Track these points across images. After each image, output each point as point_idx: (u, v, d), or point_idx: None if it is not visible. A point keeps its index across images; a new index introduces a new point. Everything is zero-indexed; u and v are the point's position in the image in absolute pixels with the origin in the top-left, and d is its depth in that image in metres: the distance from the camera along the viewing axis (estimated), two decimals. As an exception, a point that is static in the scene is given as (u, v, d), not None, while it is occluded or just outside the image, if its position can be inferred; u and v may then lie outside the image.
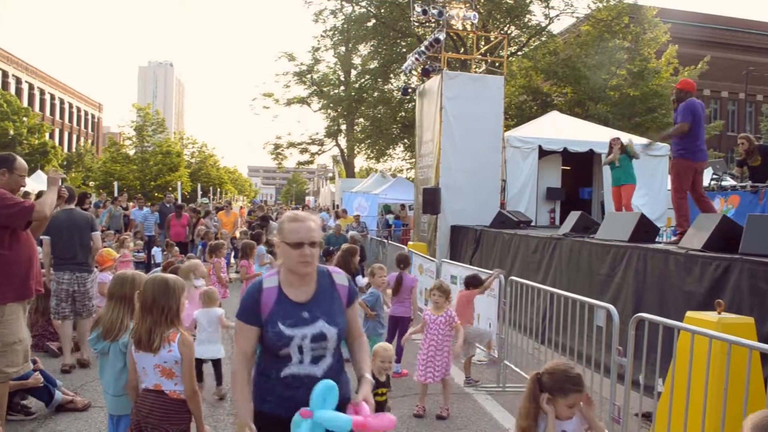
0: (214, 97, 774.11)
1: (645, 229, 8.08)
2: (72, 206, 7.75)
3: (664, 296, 6.62)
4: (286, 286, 2.74)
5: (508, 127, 16.01)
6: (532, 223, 13.98)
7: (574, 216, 10.09)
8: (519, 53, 30.07)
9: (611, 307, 4.90)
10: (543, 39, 29.61)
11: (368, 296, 6.96)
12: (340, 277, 2.89)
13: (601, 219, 12.36)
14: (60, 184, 5.16)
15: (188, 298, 4.25)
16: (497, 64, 19.29)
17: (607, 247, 7.91)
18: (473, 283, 7.28)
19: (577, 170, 16.78)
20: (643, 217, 8.22)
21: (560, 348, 6.45)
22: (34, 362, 5.98)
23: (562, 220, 15.18)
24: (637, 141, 13.04)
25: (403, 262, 7.83)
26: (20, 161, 5.02)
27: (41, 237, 7.62)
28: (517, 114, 28.14)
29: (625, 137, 12.36)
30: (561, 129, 16.14)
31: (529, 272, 9.60)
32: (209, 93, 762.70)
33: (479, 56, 19.14)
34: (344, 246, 8.79)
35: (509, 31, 29.16)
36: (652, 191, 15.01)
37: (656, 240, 8.38)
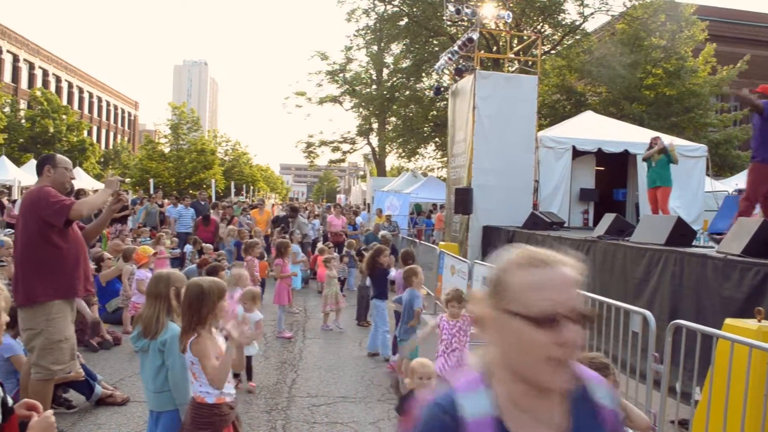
0: (247, 96, 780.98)
1: (682, 233, 7.95)
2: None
3: (701, 302, 6.50)
4: (512, 411, 1.36)
5: (541, 127, 15.88)
6: (565, 225, 13.85)
7: (608, 218, 9.97)
8: (552, 52, 29.79)
9: (648, 312, 4.84)
10: (577, 37, 29.27)
11: (417, 299, 6.92)
12: (601, 390, 1.53)
13: (635, 221, 12.21)
14: (117, 188, 5.19)
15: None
16: (530, 63, 19.17)
17: (643, 250, 7.80)
18: None
19: (612, 171, 16.56)
20: (679, 220, 8.09)
21: (593, 352, 6.38)
22: (77, 356, 6.14)
23: (595, 222, 15.04)
24: (677, 143, 12.84)
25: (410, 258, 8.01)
26: (60, 156, 5.08)
27: None
28: (551, 113, 27.89)
29: (667, 139, 12.15)
30: (595, 129, 15.95)
31: (562, 274, 9.51)
32: (242, 91, 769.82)
33: (512, 55, 19.04)
34: (374, 246, 8.81)
35: (542, 30, 28.90)
36: (688, 193, 14.75)
37: (693, 244, 8.24)
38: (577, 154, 15.16)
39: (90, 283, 5.14)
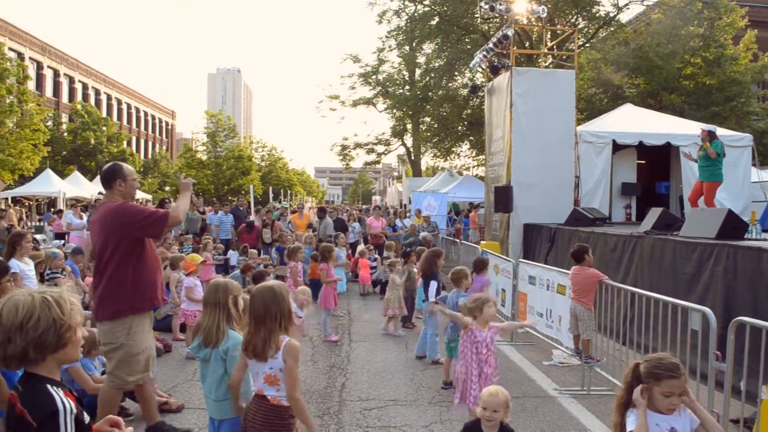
0: (281, 101, 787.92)
1: (733, 225, 7.78)
2: None
3: (757, 296, 6.33)
4: None
5: (578, 122, 15.65)
6: (608, 220, 13.64)
7: (655, 213, 9.78)
8: (587, 45, 29.38)
9: (707, 310, 4.74)
10: (612, 29, 28.82)
11: (463, 297, 6.88)
12: None
13: (679, 214, 11.97)
14: (191, 189, 5.23)
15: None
16: (565, 58, 18.91)
17: (693, 245, 7.64)
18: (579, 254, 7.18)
19: (654, 164, 16.26)
20: (730, 212, 7.91)
21: (644, 350, 6.27)
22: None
23: (638, 216, 14.81)
24: (720, 132, 12.53)
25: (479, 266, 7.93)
26: (127, 167, 5.05)
27: None
28: (587, 107, 27.49)
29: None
30: (635, 122, 15.66)
31: (607, 271, 9.33)
32: (276, 97, 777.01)
33: (547, 50, 18.82)
34: (431, 249, 8.74)
35: (577, 23, 28.52)
36: (734, 183, 14.35)
37: (745, 237, 8.04)
38: (617, 147, 14.92)
39: (164, 292, 5.19)
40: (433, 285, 7.86)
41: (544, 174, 13.86)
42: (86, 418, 2.11)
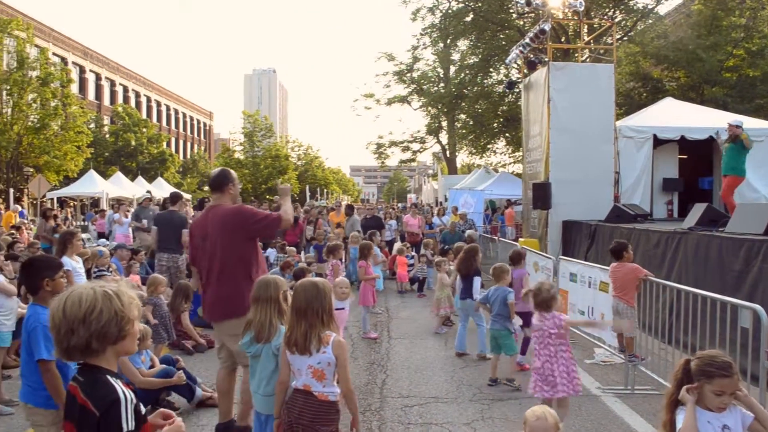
0: (316, 100, 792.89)
1: (781, 221, 7.57)
2: (174, 208, 10.78)
3: (808, 293, 6.17)
4: None
5: (617, 116, 15.41)
6: (649, 217, 13.42)
7: (699, 208, 9.59)
8: (625, 38, 28.89)
9: (758, 307, 4.63)
10: (650, 22, 28.28)
11: (511, 294, 6.87)
12: None
13: (723, 209, 11.69)
14: (290, 192, 5.49)
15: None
16: (602, 52, 18.65)
17: (740, 241, 7.47)
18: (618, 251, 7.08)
19: (696, 159, 15.90)
20: (778, 207, 7.71)
21: (689, 348, 6.15)
22: (177, 361, 6.39)
23: (680, 213, 14.52)
24: (759, 125, 12.19)
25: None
26: (232, 171, 5.43)
27: (151, 227, 11.45)
28: (626, 102, 27.01)
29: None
30: (677, 116, 15.35)
31: (650, 268, 9.13)
32: (311, 96, 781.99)
33: (584, 45, 18.57)
34: (467, 246, 8.71)
35: (614, 16, 28.07)
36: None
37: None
38: (658, 142, 14.65)
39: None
40: (477, 281, 7.85)
41: (582, 170, 13.68)
42: (143, 409, 2.16)
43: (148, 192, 22.84)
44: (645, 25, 28.55)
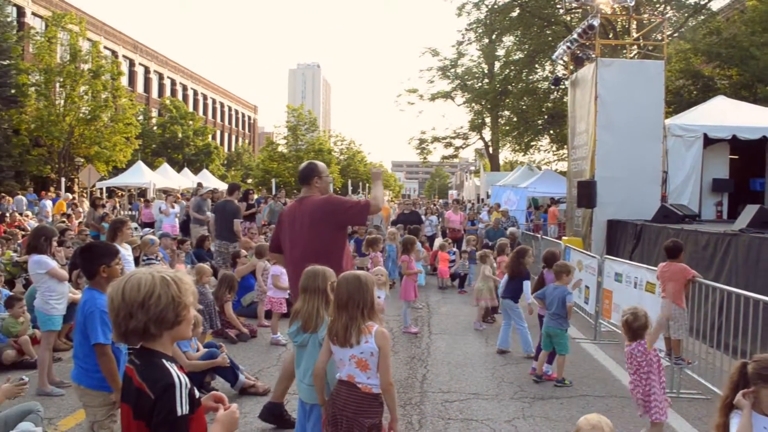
0: (359, 95, 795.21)
1: (838, 224, 7.33)
2: (229, 198, 11.33)
3: None
4: None
5: (665, 115, 15.06)
6: (698, 218, 13.11)
7: (750, 210, 9.33)
8: (675, 35, 28.21)
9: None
10: (702, 18, 27.55)
11: (570, 296, 6.78)
12: None
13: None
14: (381, 177, 5.56)
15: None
16: (651, 48, 18.26)
17: (794, 243, 7.25)
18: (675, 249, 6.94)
19: (748, 159, 15.43)
20: (835, 210, 7.46)
21: (738, 353, 6.02)
22: (219, 347, 6.52)
23: (730, 214, 14.16)
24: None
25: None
26: (321, 165, 5.46)
27: (208, 213, 13.14)
28: (675, 100, 26.39)
29: None
30: (729, 115, 14.92)
31: (699, 270, 8.94)
32: (354, 91, 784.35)
33: (634, 41, 18.22)
34: (518, 247, 8.63)
35: (665, 12, 27.43)
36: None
37: None
38: (708, 142, 14.26)
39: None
40: (527, 285, 7.79)
41: (629, 168, 13.44)
42: (197, 393, 2.19)
43: (199, 183, 23.32)
44: (697, 22, 27.83)
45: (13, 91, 32.72)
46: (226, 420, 2.27)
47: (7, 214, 17.16)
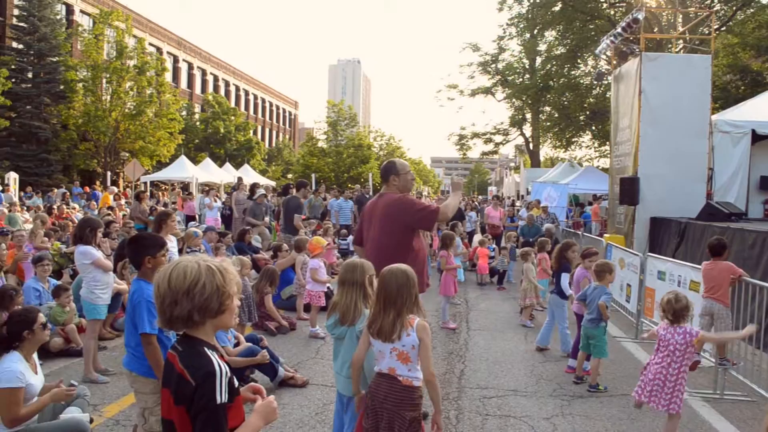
0: (399, 91, 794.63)
1: None
2: (297, 194, 12.53)
3: None
4: None
5: (712, 110, 14.70)
6: (744, 216, 12.78)
7: (800, 208, 9.07)
8: (723, 29, 27.48)
9: None
10: (751, 11, 26.77)
11: (606, 296, 6.55)
12: None
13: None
14: (462, 188, 5.54)
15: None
16: (698, 42, 17.83)
17: None
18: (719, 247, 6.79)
19: (799, 156, 15.00)
20: None
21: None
22: (260, 340, 6.62)
23: (780, 212, 13.76)
24: None
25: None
26: (400, 162, 5.45)
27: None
28: (722, 95, 25.74)
29: None
30: (779, 110, 14.51)
31: (745, 269, 8.72)
32: (394, 87, 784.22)
33: (679, 35, 17.81)
34: (564, 241, 8.54)
35: (712, 5, 26.74)
36: None
37: None
38: (757, 138, 13.88)
39: (427, 280, 5.49)
40: (564, 278, 7.67)
41: (674, 165, 13.17)
42: (236, 382, 2.22)
43: (239, 178, 23.59)
44: (745, 15, 27.06)
45: (61, 87, 33.70)
46: (264, 411, 2.30)
47: (55, 206, 17.65)
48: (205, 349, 2.18)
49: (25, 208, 19.55)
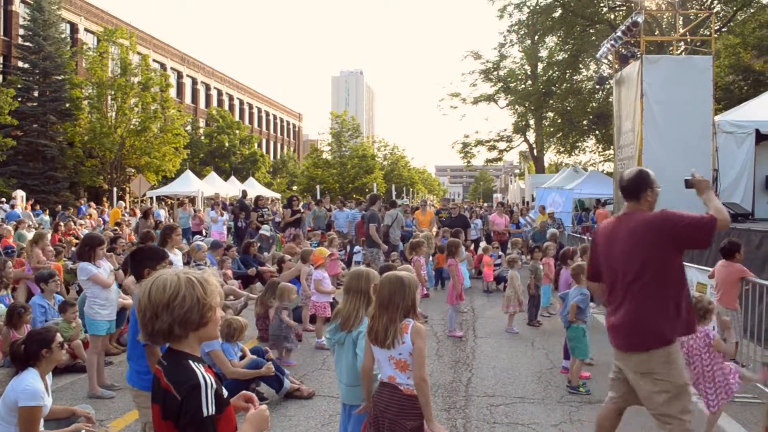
0: (402, 100, 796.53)
1: None
2: (374, 208, 12.76)
3: None
4: None
5: (715, 111, 14.67)
6: (751, 216, 12.72)
7: (806, 207, 9.02)
8: (723, 29, 27.46)
9: None
10: (752, 11, 26.75)
11: (580, 297, 6.60)
12: None
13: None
14: (710, 187, 4.35)
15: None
16: (698, 44, 17.82)
17: None
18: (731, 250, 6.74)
19: (804, 155, 14.94)
20: None
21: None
22: (266, 352, 6.61)
23: (786, 212, 13.69)
24: None
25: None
26: (651, 173, 4.24)
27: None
28: (725, 96, 25.70)
29: None
30: (782, 109, 14.47)
31: (752, 269, 8.67)
32: (397, 96, 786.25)
33: (680, 37, 17.80)
34: (582, 245, 8.53)
35: (712, 6, 26.74)
36: None
37: None
38: (761, 138, 13.86)
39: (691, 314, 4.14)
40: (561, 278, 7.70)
41: (678, 167, 12.97)
42: (225, 392, 2.20)
43: (244, 191, 23.66)
44: (746, 15, 27.05)
45: (67, 104, 33.92)
46: (256, 420, 2.29)
47: (62, 224, 17.73)
48: (190, 362, 2.16)
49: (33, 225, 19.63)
